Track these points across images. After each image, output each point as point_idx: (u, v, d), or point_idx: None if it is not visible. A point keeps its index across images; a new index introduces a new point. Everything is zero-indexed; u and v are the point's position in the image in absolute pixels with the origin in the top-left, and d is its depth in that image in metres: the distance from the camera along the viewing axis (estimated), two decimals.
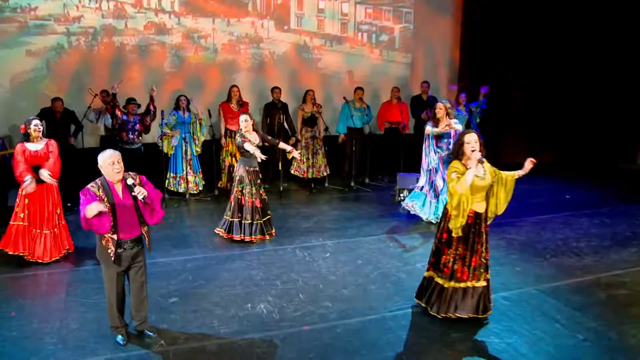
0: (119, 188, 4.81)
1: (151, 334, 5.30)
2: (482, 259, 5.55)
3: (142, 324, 5.30)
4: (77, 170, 8.19)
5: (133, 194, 4.71)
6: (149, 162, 9.80)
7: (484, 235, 5.54)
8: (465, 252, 5.50)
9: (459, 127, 8.41)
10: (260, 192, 7.91)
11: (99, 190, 4.72)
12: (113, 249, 4.85)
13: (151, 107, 9.32)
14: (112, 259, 4.86)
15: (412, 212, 8.87)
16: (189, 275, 6.75)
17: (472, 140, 5.36)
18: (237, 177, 7.90)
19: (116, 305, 5.09)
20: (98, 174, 4.90)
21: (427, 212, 8.70)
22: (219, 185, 10.45)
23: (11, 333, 5.40)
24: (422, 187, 8.83)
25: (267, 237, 7.95)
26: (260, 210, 7.89)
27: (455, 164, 5.42)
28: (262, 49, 11.74)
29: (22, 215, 6.93)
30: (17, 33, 10.12)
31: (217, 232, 8.08)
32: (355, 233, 8.29)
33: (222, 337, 5.33)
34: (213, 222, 8.63)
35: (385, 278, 6.71)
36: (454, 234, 5.45)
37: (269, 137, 8.06)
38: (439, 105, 8.45)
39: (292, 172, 11.11)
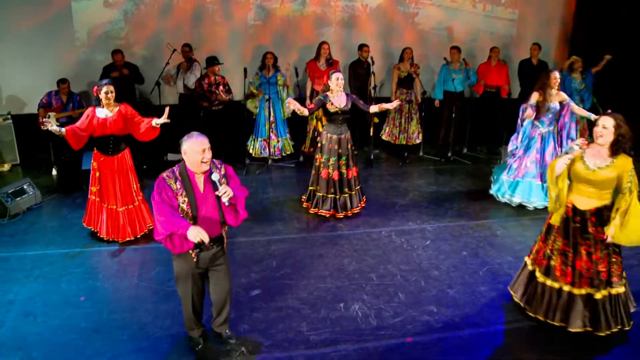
0: (200, 179, 4.02)
1: (231, 337, 4.62)
2: (594, 269, 4.61)
3: (221, 326, 4.61)
4: None
5: (217, 193, 3.93)
6: (231, 123, 9.20)
7: (594, 241, 4.60)
8: (565, 248, 4.71)
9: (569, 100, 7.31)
10: (340, 162, 7.08)
11: (175, 182, 3.95)
12: (194, 249, 4.13)
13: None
14: (194, 260, 4.15)
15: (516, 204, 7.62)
16: (272, 261, 6.03)
17: (600, 125, 4.48)
18: (319, 145, 7.19)
19: (192, 307, 4.41)
20: (176, 133, 4.14)
21: (535, 197, 7.48)
22: (302, 149, 9.63)
23: (80, 324, 4.90)
24: (515, 172, 7.63)
25: (340, 215, 7.15)
26: (336, 184, 7.11)
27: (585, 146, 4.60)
28: (354, 2, 10.60)
29: (94, 189, 6.37)
30: None
31: (302, 200, 7.50)
32: (457, 215, 7.33)
33: (312, 347, 4.60)
34: (298, 193, 7.93)
35: (495, 277, 5.77)
36: (550, 220, 4.78)
37: (361, 102, 7.14)
38: (556, 74, 7.20)
39: (384, 137, 10.17)
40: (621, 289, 4.68)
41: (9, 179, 8.40)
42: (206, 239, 3.76)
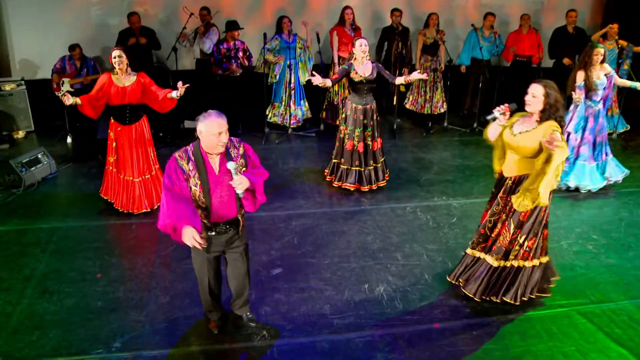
0: (214, 160, 3.76)
1: (251, 321, 4.43)
2: (485, 226, 4.72)
3: (241, 308, 4.43)
4: None
5: (231, 183, 3.64)
6: (249, 90, 8.93)
7: (500, 207, 4.58)
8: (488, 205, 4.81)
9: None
10: (365, 134, 6.80)
11: (188, 163, 3.70)
12: (204, 233, 3.90)
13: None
14: (205, 244, 3.93)
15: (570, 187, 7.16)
16: (294, 237, 5.83)
17: (530, 93, 4.31)
18: (343, 115, 6.91)
19: (209, 290, 4.23)
20: (193, 99, 3.88)
21: (588, 179, 7.05)
22: (336, 122, 9.29)
23: (96, 303, 4.75)
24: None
25: (365, 188, 6.88)
26: (362, 156, 6.84)
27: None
28: None
29: (111, 159, 6.17)
30: None
31: (325, 174, 7.23)
32: (483, 191, 7.02)
33: (336, 332, 4.41)
34: (319, 164, 7.72)
35: None
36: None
37: (387, 72, 6.81)
38: (600, 50, 6.79)
39: (407, 106, 9.85)
40: (494, 262, 4.62)
41: (23, 146, 8.25)
42: (198, 246, 3.55)
